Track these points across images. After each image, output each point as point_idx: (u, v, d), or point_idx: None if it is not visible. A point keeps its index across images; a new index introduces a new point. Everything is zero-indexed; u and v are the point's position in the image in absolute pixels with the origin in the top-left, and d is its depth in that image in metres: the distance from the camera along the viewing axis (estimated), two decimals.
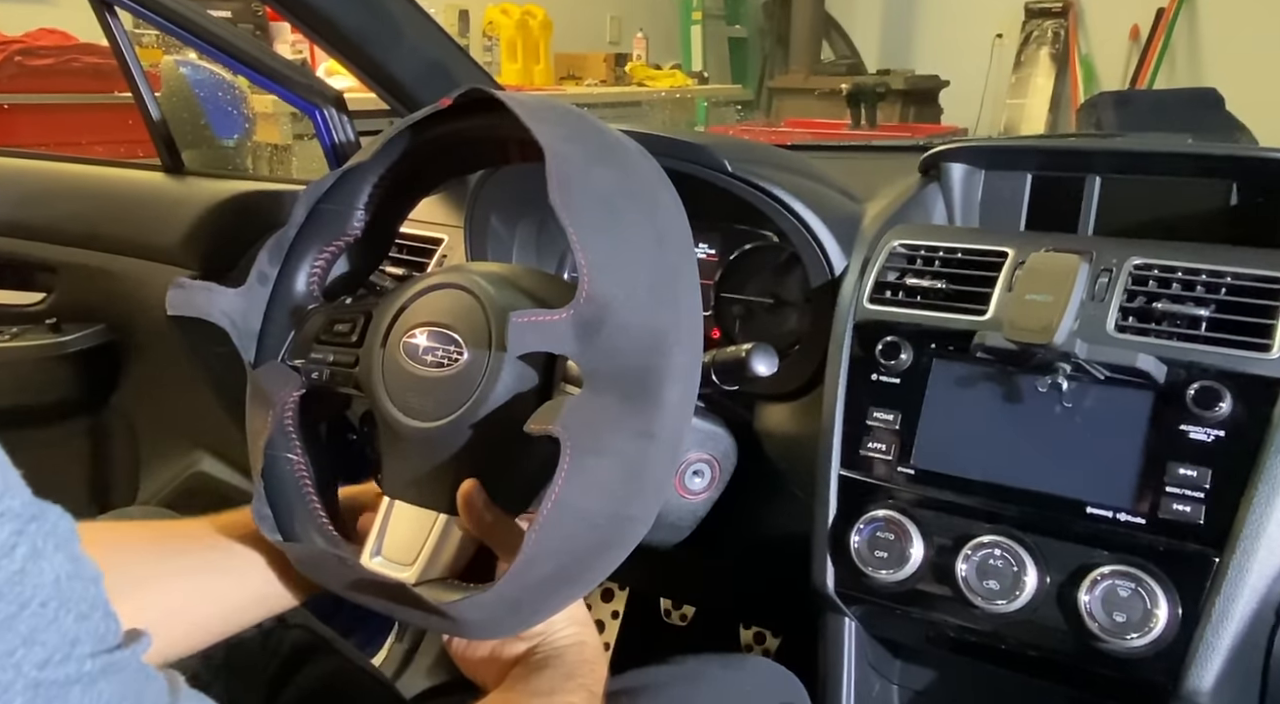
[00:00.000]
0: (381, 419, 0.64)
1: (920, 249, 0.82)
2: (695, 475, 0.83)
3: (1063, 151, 0.93)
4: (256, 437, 0.68)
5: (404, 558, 0.63)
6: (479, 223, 1.04)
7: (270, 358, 0.71)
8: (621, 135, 0.62)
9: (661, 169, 0.61)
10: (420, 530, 0.63)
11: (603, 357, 0.54)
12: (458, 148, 0.70)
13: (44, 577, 0.32)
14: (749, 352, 0.73)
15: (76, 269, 1.42)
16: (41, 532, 0.32)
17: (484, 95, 0.62)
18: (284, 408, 0.69)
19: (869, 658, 0.85)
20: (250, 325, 0.70)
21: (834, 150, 1.45)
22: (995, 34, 5.24)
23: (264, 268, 0.70)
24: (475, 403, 0.60)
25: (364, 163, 0.68)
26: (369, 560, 0.64)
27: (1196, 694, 0.65)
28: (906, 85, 4.60)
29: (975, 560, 0.72)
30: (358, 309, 0.70)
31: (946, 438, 0.76)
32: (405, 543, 0.64)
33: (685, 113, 4.86)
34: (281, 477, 0.68)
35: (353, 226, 0.71)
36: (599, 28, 5.44)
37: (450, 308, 0.63)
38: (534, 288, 0.65)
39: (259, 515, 0.66)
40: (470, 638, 0.62)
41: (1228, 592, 0.64)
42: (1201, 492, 0.66)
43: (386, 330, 0.65)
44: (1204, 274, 0.71)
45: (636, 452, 0.54)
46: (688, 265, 0.59)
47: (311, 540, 0.66)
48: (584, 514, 0.54)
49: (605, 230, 0.56)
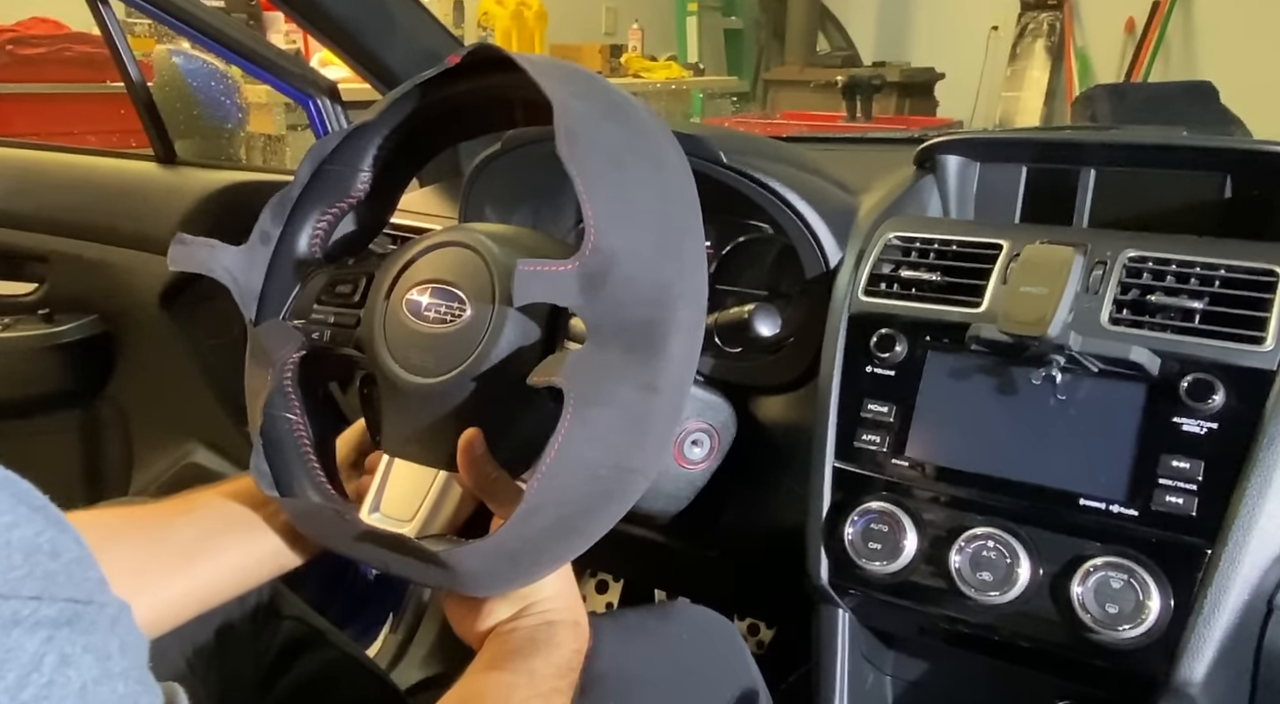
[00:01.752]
0: (382, 377, 0.64)
1: (915, 241, 0.82)
2: (694, 445, 0.82)
3: (1058, 144, 0.93)
4: (255, 395, 0.68)
5: (402, 515, 0.64)
6: (473, 214, 1.04)
7: (271, 317, 0.70)
8: (629, 95, 0.62)
9: (669, 128, 0.62)
10: (419, 488, 0.64)
11: (607, 309, 0.54)
12: (464, 109, 0.69)
13: (70, 686, 0.31)
14: (751, 312, 0.74)
15: (69, 259, 1.42)
16: (73, 636, 0.31)
17: (492, 54, 0.62)
18: (284, 367, 0.69)
19: (862, 649, 0.85)
20: (252, 283, 0.70)
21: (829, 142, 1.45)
22: (991, 26, 5.24)
23: (267, 226, 0.70)
24: (477, 358, 0.60)
25: (369, 123, 0.68)
26: (367, 516, 0.64)
27: (1188, 685, 0.66)
28: (902, 78, 4.60)
29: (968, 552, 0.72)
30: (360, 270, 0.70)
31: (941, 430, 0.76)
32: (404, 500, 0.64)
33: (681, 104, 4.86)
34: (279, 435, 0.68)
35: (357, 188, 0.70)
36: (594, 18, 5.42)
37: (453, 265, 0.63)
38: (538, 247, 0.65)
39: (257, 471, 0.66)
40: (468, 591, 0.61)
41: (1219, 583, 0.65)
42: (1194, 484, 0.66)
43: (389, 288, 0.65)
44: (1198, 267, 0.72)
45: (639, 404, 0.54)
46: (693, 221, 0.59)
47: (308, 497, 0.67)
48: (586, 464, 0.54)
49: (612, 184, 0.55)
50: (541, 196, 1.05)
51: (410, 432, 0.64)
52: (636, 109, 0.61)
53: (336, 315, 0.69)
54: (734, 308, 0.75)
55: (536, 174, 0.97)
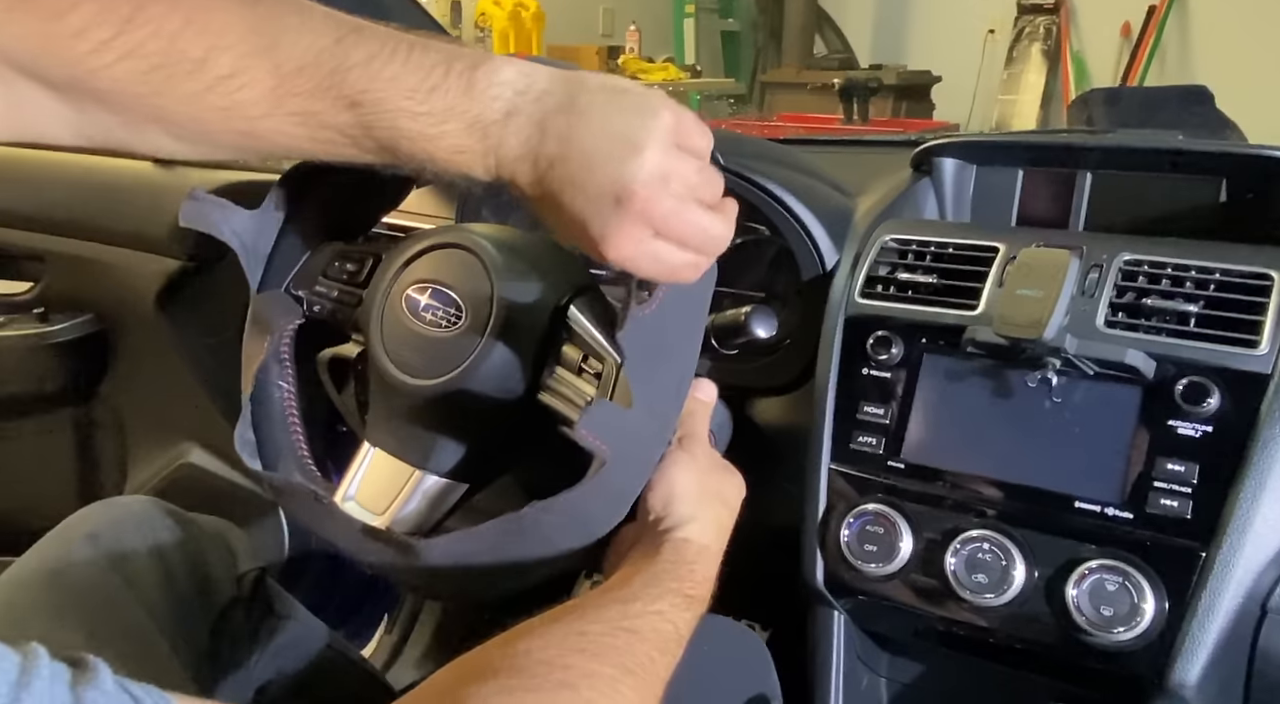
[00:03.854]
0: (373, 365, 0.65)
1: (912, 244, 0.83)
2: None
3: (1054, 147, 0.93)
4: (250, 361, 0.68)
5: (375, 507, 0.64)
6: (470, 217, 1.04)
7: (274, 285, 0.70)
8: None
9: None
10: (396, 482, 0.64)
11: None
12: None
13: None
14: (748, 314, 0.74)
15: (64, 258, 1.41)
16: None
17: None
18: (281, 336, 0.69)
19: (858, 651, 0.85)
20: (260, 248, 0.70)
21: (826, 145, 1.45)
22: (987, 30, 5.24)
23: (281, 193, 0.70)
24: (467, 369, 0.60)
25: None
26: (342, 502, 0.65)
27: (1182, 687, 0.66)
28: (899, 80, 4.60)
29: (964, 554, 0.72)
30: (368, 250, 0.70)
31: (936, 432, 0.76)
32: (379, 491, 0.64)
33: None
34: (269, 405, 0.68)
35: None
36: (591, 20, 5.42)
37: (454, 268, 0.63)
38: (539, 254, 0.65)
39: (241, 440, 0.67)
40: (428, 584, 0.62)
41: (1214, 586, 0.65)
42: (1189, 486, 0.66)
43: (391, 280, 0.65)
44: (1193, 270, 0.72)
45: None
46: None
47: (290, 473, 0.67)
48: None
49: None
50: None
51: (393, 426, 0.65)
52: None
53: (340, 291, 0.69)
54: (731, 310, 0.75)
55: None
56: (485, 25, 4.24)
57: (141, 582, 0.73)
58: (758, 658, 0.79)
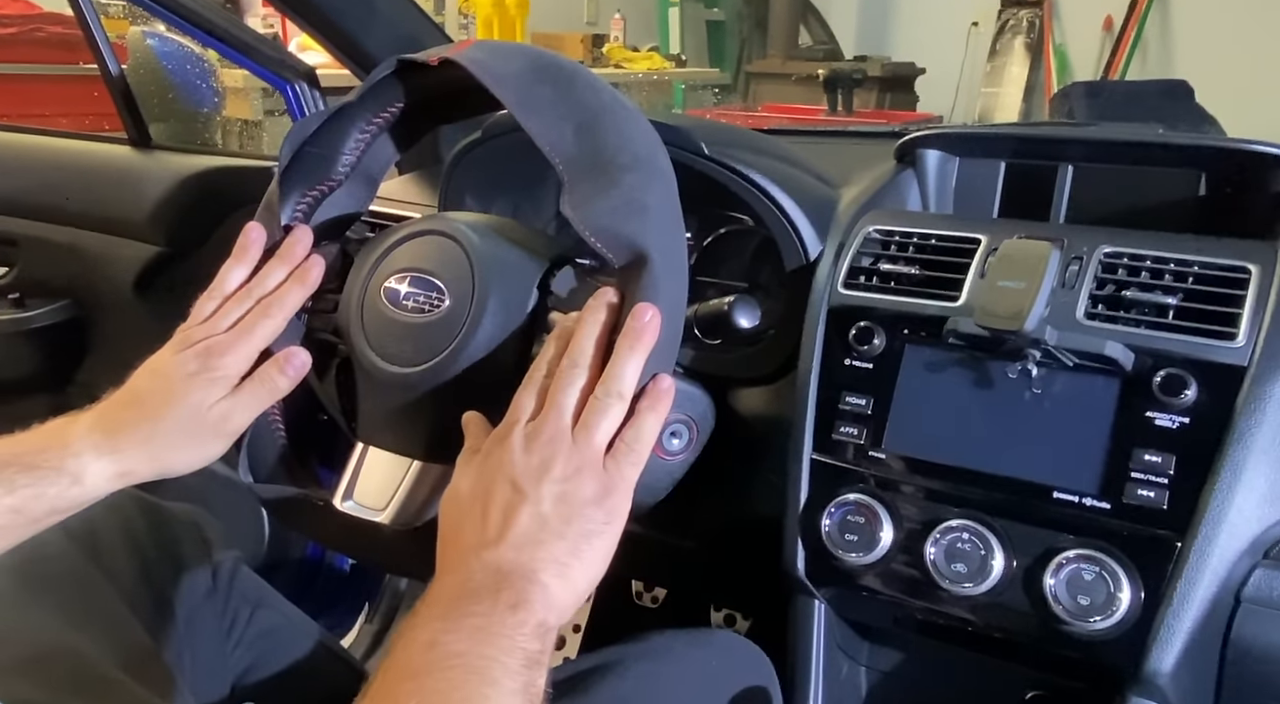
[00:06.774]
0: (358, 365, 0.64)
1: (894, 235, 0.83)
2: (673, 436, 0.82)
3: (1036, 140, 0.94)
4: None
5: (376, 503, 0.64)
6: (453, 203, 1.03)
7: None
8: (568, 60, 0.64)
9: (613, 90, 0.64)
10: (393, 477, 0.63)
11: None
12: (445, 93, 0.69)
13: None
14: (731, 304, 0.74)
15: (40, 243, 1.39)
16: None
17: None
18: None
19: (838, 640, 0.86)
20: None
21: (810, 135, 1.46)
22: (971, 22, 5.26)
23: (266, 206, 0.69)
24: (455, 349, 0.60)
25: (350, 104, 0.67)
26: (340, 504, 0.64)
27: (1156, 676, 0.67)
28: (883, 72, 4.61)
29: (944, 544, 0.72)
30: (335, 252, 0.70)
31: (918, 423, 0.76)
32: (377, 488, 0.64)
33: (662, 95, 4.85)
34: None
35: (337, 171, 0.70)
36: (576, 8, 5.39)
37: (433, 254, 0.63)
38: (519, 237, 0.65)
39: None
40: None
41: (1189, 576, 0.65)
42: (1165, 477, 0.67)
43: (367, 275, 0.65)
44: (1172, 263, 0.72)
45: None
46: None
47: (282, 483, 0.66)
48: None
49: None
50: (522, 186, 1.05)
51: (385, 420, 0.64)
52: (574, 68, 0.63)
53: (314, 299, 0.68)
54: (714, 299, 0.75)
55: (517, 163, 0.97)
56: (469, 12, 4.21)
57: (117, 569, 0.73)
58: (762, 676, 0.79)
